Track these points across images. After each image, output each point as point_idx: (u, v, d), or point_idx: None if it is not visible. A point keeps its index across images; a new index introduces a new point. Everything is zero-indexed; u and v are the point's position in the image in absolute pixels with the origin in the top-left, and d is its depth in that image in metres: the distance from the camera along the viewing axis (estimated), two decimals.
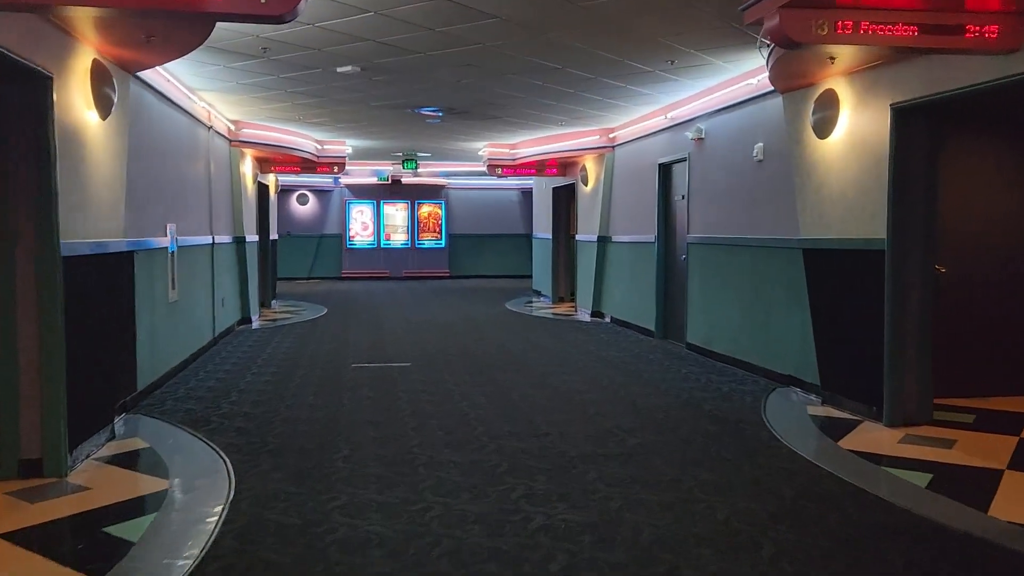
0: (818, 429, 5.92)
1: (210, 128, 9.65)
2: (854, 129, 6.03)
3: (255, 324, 11.93)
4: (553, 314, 13.54)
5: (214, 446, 5.24)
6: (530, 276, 22.26)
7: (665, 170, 10.27)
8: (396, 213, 22.63)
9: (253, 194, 12.56)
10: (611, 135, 11.98)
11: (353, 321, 12.43)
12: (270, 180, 14.64)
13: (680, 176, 9.87)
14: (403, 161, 16.98)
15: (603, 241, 12.50)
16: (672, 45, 6.75)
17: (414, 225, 22.64)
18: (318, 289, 19.04)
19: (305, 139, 12.70)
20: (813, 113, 6.38)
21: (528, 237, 22.92)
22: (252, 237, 12.26)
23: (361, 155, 16.03)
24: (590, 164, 12.93)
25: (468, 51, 6.97)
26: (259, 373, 7.90)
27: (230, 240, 10.95)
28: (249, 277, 11.82)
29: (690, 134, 9.19)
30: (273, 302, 14.94)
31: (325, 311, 14.00)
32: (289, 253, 21.90)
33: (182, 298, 8.03)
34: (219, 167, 10.36)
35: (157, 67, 6.96)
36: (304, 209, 22.25)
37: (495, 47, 6.84)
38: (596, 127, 11.96)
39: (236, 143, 11.18)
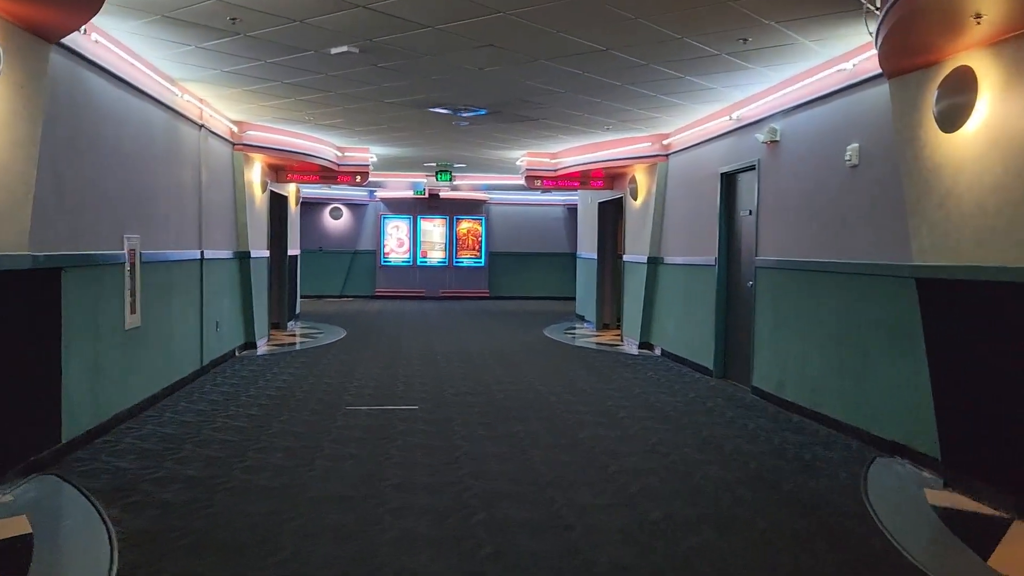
0: (949, 531, 4.29)
1: (201, 127, 8.45)
2: (999, 119, 4.43)
3: (260, 350, 10.68)
4: (596, 344, 12.01)
5: (115, 535, 3.87)
6: (574, 298, 20.81)
7: (728, 181, 8.72)
8: (433, 229, 21.39)
9: (263, 204, 11.36)
10: (665, 142, 10.46)
11: (371, 348, 11.09)
12: (289, 190, 13.48)
13: (747, 187, 8.31)
14: (436, 172, 15.70)
15: (654, 263, 10.96)
16: (747, 13, 5.25)
17: (452, 242, 21.36)
18: (348, 309, 17.83)
19: (323, 145, 11.47)
20: (937, 100, 4.80)
21: (572, 256, 21.47)
22: (260, 252, 11.05)
23: (390, 165, 14.78)
24: (640, 175, 11.43)
25: (486, 23, 5.58)
26: (234, 416, 6.57)
27: (229, 255, 9.73)
28: (255, 297, 10.59)
29: (761, 136, 7.64)
30: (291, 323, 13.73)
31: (344, 334, 12.72)
32: (321, 270, 20.82)
33: (149, 323, 6.76)
34: (215, 173, 9.15)
35: (116, 50, 5.74)
36: (337, 223, 21.15)
37: (518, 16, 5.43)
38: (647, 132, 10.47)
39: (240, 147, 9.98)
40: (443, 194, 20.14)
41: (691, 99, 8.19)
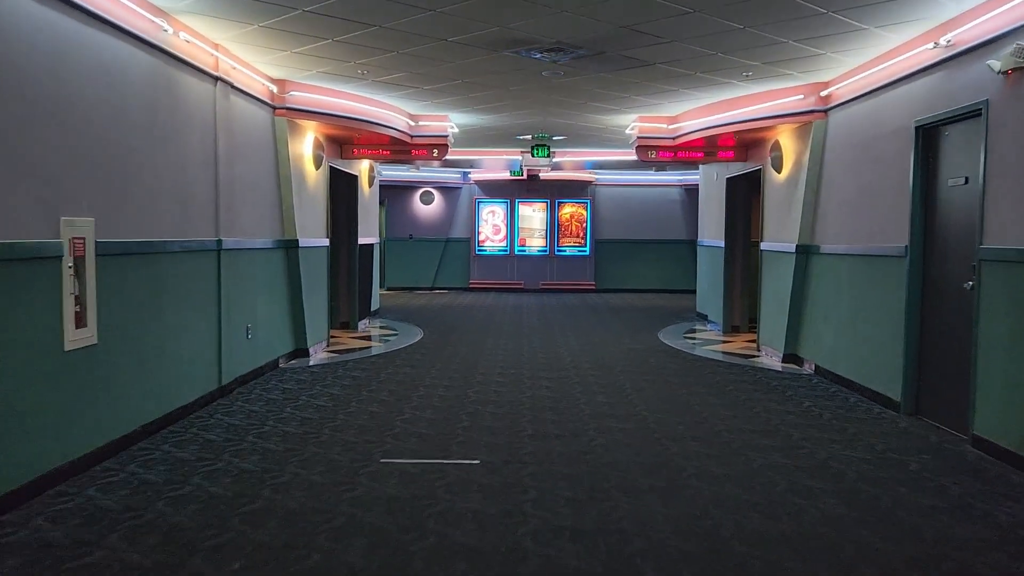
0: None
1: (218, 81, 6.61)
2: None
3: (314, 358, 8.88)
4: (724, 354, 9.58)
5: None
6: (693, 292, 18.25)
7: (927, 137, 6.14)
8: (533, 214, 19.29)
9: (320, 183, 9.54)
10: (824, 92, 7.91)
11: (445, 357, 9.10)
12: (360, 168, 11.66)
13: (960, 144, 5.73)
14: (532, 148, 13.53)
15: (805, 252, 8.43)
16: None
17: (554, 228, 19.20)
18: (436, 303, 15.99)
19: (390, 111, 9.53)
20: None
21: (691, 244, 18.90)
22: (316, 241, 9.24)
23: (476, 139, 12.72)
24: (786, 140, 8.88)
25: None
26: (224, 471, 4.67)
27: (269, 244, 7.93)
28: (307, 295, 8.79)
29: (997, 63, 5.07)
30: (364, 323, 11.94)
31: (420, 336, 10.82)
32: (411, 260, 19.15)
33: (113, 338, 4.95)
34: (245, 141, 7.33)
35: None
36: (428, 209, 19.38)
37: None
38: (799, 81, 7.95)
39: (283, 111, 8.15)
40: (543, 175, 17.97)
41: (874, 19, 5.68)
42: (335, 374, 7.90)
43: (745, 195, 11.35)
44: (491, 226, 19.30)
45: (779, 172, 9.02)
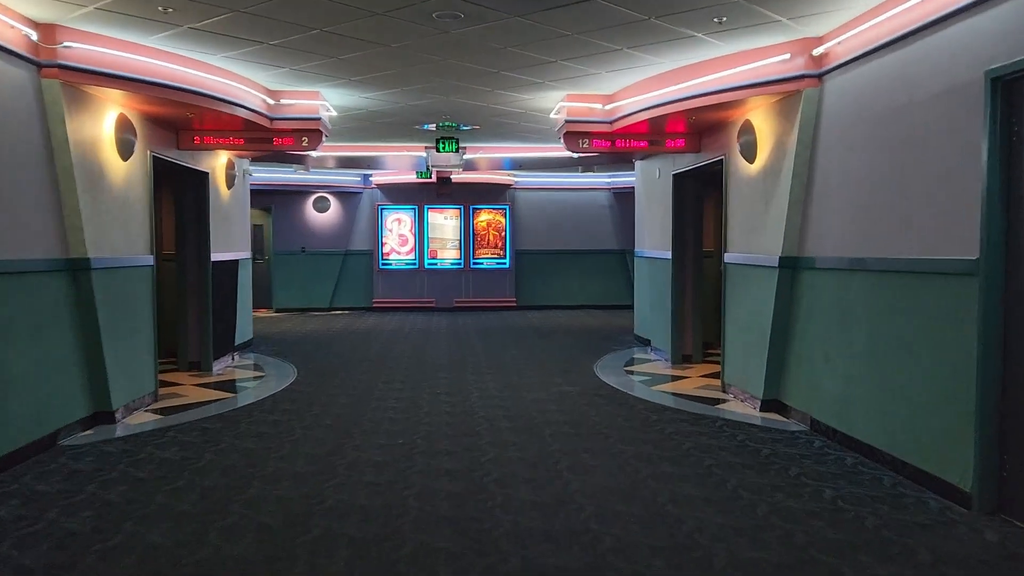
0: None
1: None
2: None
3: (124, 424, 6.29)
4: (681, 398, 7.44)
5: None
6: (626, 308, 16.25)
7: (1012, 93, 4.08)
8: (445, 223, 16.93)
9: (136, 180, 6.94)
10: (818, 50, 5.86)
11: (310, 418, 6.65)
12: (214, 163, 9.07)
13: None
14: (438, 141, 11.20)
15: (792, 266, 6.35)
16: None
17: (469, 238, 16.88)
18: (330, 328, 13.42)
19: (236, 81, 7.05)
20: None
21: (623, 255, 16.89)
22: (128, 259, 6.65)
23: (367, 130, 10.27)
24: (762, 119, 6.80)
25: None
26: None
27: (39, 267, 5.33)
28: (112, 335, 6.21)
29: None
30: (221, 362, 9.33)
31: (291, 380, 8.33)
32: (304, 277, 16.54)
33: None
34: None
35: None
36: (323, 217, 16.78)
37: None
38: (783, 37, 5.89)
39: (53, 71, 5.56)
40: (455, 176, 15.65)
41: None
42: (137, 456, 5.36)
43: (696, 195, 9.29)
44: (397, 236, 16.84)
45: (751, 162, 6.94)
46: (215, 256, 9.08)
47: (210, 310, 8.90)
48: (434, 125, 10.46)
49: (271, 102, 7.78)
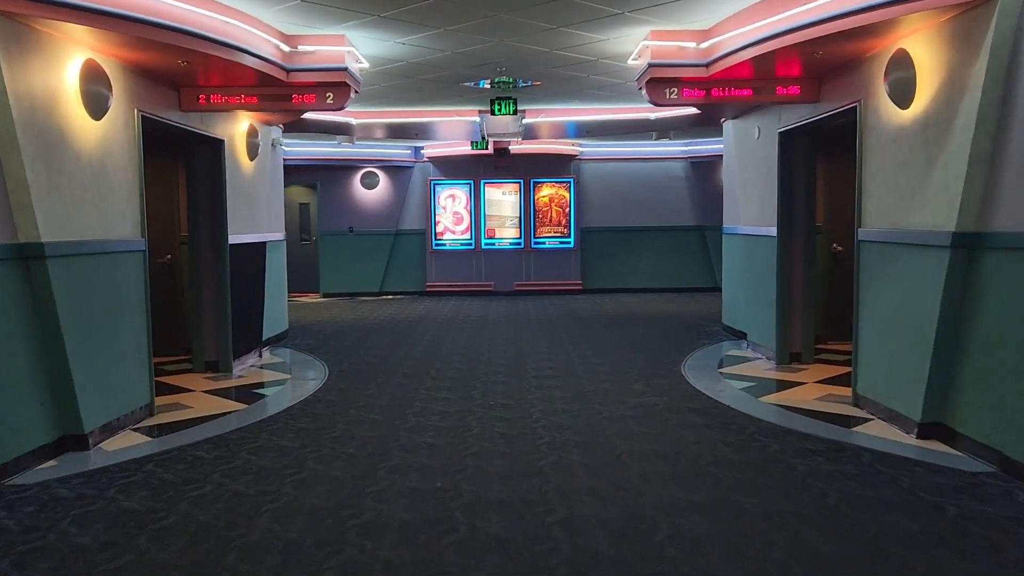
0: None
1: None
2: None
3: (100, 451, 5.03)
4: (793, 410, 5.82)
5: None
6: (706, 291, 14.56)
7: None
8: (503, 199, 15.43)
9: (114, 145, 5.59)
10: None
11: (330, 443, 5.29)
12: (232, 131, 7.73)
13: None
14: (493, 102, 9.69)
15: (972, 246, 4.64)
16: None
17: (529, 215, 15.35)
18: (377, 316, 12.13)
19: (239, 20, 5.66)
20: None
21: (702, 231, 15.14)
22: (104, 244, 5.35)
23: (410, 89, 8.79)
24: (922, 48, 5.04)
25: None
26: None
27: None
28: (82, 338, 4.94)
29: None
30: (245, 361, 8.08)
31: (320, 384, 7.00)
32: (352, 259, 15.33)
33: None
34: None
35: None
36: (372, 195, 15.47)
37: None
38: None
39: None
40: (514, 147, 14.15)
41: None
42: (90, 506, 4.05)
43: (808, 157, 7.56)
44: (451, 214, 15.43)
45: (904, 106, 5.20)
46: (234, 238, 7.79)
47: (228, 301, 7.62)
48: (488, 83, 8.94)
49: (286, 49, 6.37)
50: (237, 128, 7.97)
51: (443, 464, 4.66)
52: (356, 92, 6.91)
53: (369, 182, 15.41)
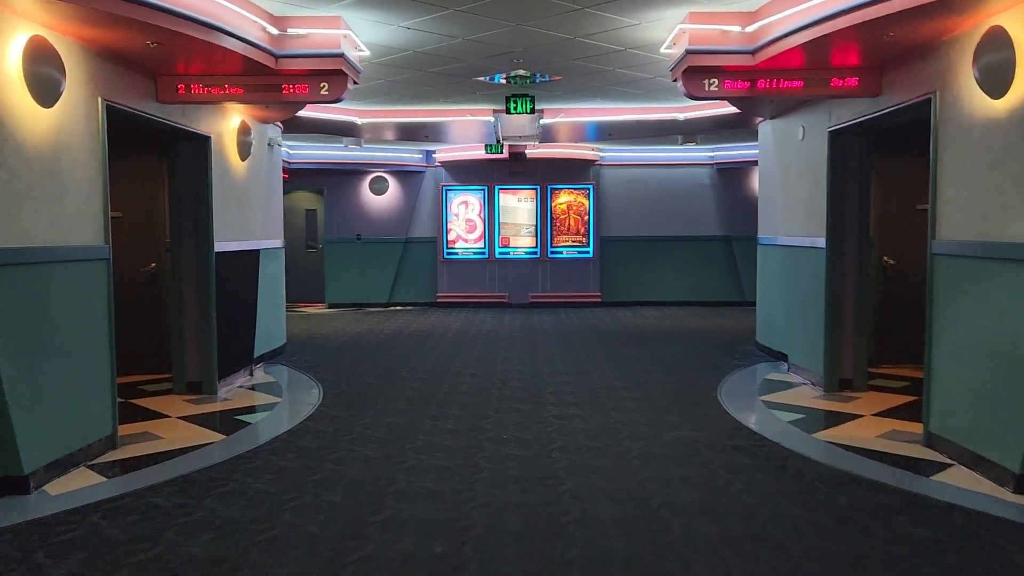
0: None
1: None
2: None
3: (36, 499, 4.27)
4: (854, 450, 4.98)
5: None
6: (733, 305, 13.74)
7: None
8: (519, 205, 14.66)
9: (68, 135, 4.83)
10: None
11: (311, 484, 4.51)
12: (221, 128, 6.99)
13: None
14: (509, 100, 8.93)
15: None
16: None
17: (546, 223, 14.57)
18: (383, 329, 11.39)
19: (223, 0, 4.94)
20: None
21: (727, 241, 14.30)
22: (59, 249, 4.60)
23: (418, 84, 8.05)
24: (1021, 24, 4.22)
25: None
26: None
27: None
28: (9, 361, 4.19)
29: None
30: (232, 381, 7.34)
31: (311, 410, 6.23)
32: (359, 268, 14.62)
33: None
34: None
35: None
36: (381, 201, 14.75)
37: None
38: None
39: None
40: (530, 151, 13.39)
41: None
42: (13, 574, 3.29)
43: (863, 159, 6.73)
44: (464, 221, 14.67)
45: (997, 96, 4.37)
46: (222, 245, 7.06)
47: (213, 315, 6.88)
48: (504, 77, 8.18)
49: (275, 32, 5.63)
50: (226, 124, 7.24)
51: (446, 519, 3.87)
52: (355, 83, 6.16)
53: (378, 187, 14.69)
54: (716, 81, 5.79)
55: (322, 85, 5.87)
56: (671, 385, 7.18)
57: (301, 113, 9.31)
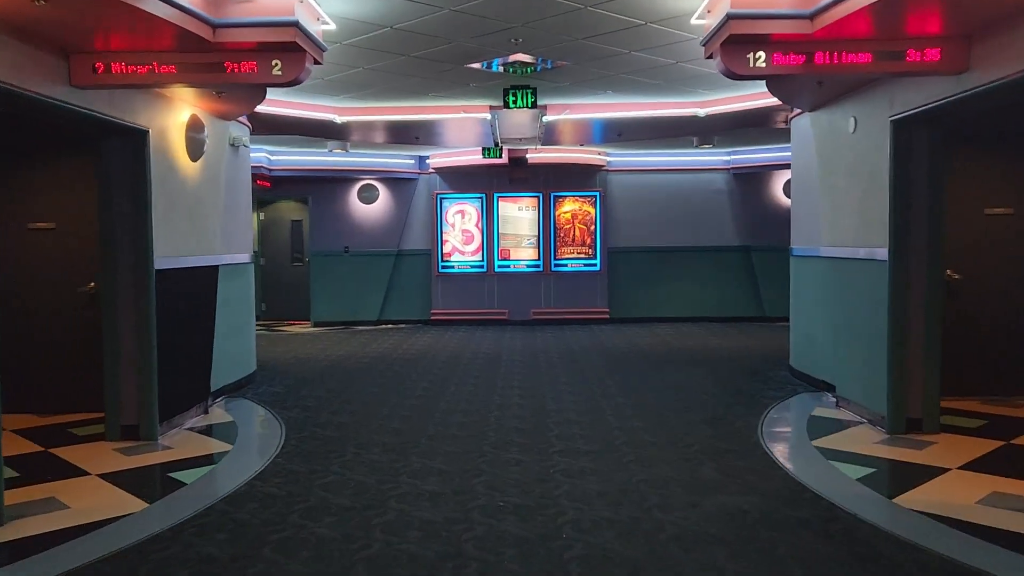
0: None
1: None
2: None
3: None
4: (939, 515, 3.81)
5: None
6: (756, 320, 12.65)
7: None
8: (519, 215, 13.53)
9: None
10: None
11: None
12: (165, 120, 5.84)
13: None
14: (507, 92, 7.81)
15: None
16: None
17: (549, 234, 13.44)
18: (370, 352, 10.25)
19: None
20: None
21: (745, 252, 13.18)
22: None
23: (397, 73, 6.92)
24: None
25: None
26: None
27: None
28: None
29: None
30: (182, 421, 6.18)
31: (267, 460, 5.09)
32: (349, 282, 13.53)
33: None
34: None
35: None
36: (371, 210, 13.63)
37: None
38: None
39: None
40: (532, 156, 12.28)
41: None
42: None
43: (936, 155, 5.58)
44: (460, 232, 13.54)
45: None
46: (167, 262, 5.92)
47: (153, 344, 5.73)
48: (501, 64, 7.06)
49: None
50: (172, 118, 6.11)
51: None
52: (317, 62, 5.02)
53: (367, 196, 13.56)
54: (763, 55, 4.65)
55: (274, 63, 4.74)
56: (700, 424, 6.01)
57: (270, 109, 8.24)
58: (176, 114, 6.18)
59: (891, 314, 5.63)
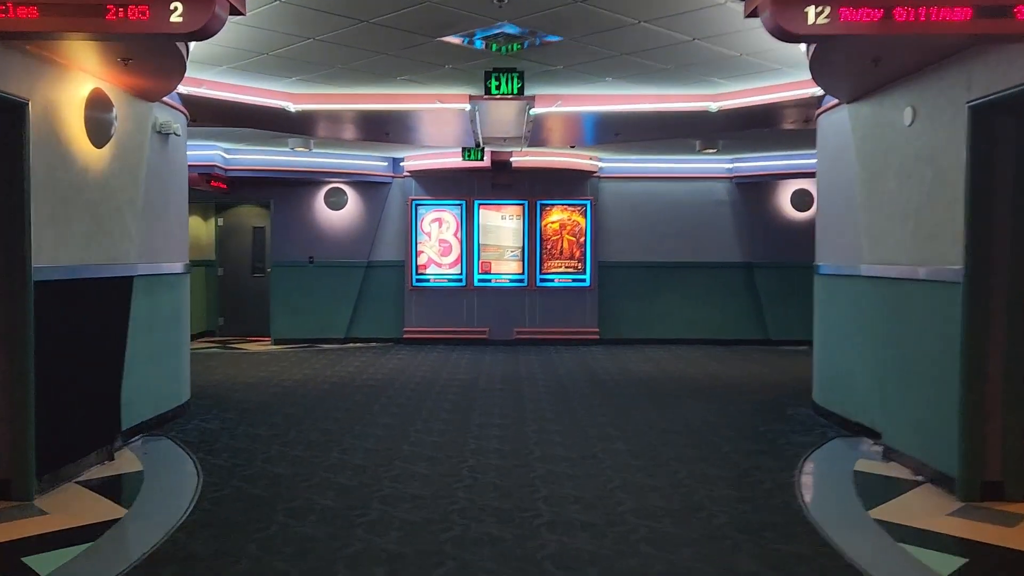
0: None
1: None
2: None
3: None
4: None
5: None
6: (758, 344, 11.58)
7: None
8: (502, 224, 12.35)
9: None
10: None
11: None
12: (54, 92, 4.61)
13: None
14: (490, 76, 6.63)
15: None
16: None
17: (535, 245, 12.26)
18: (333, 373, 9.04)
19: None
20: None
21: (748, 269, 12.08)
22: None
23: (358, 50, 5.70)
24: None
25: None
26: None
27: None
28: None
29: None
30: (74, 472, 4.91)
31: (167, 531, 3.81)
32: (314, 296, 12.28)
33: None
34: None
35: None
36: (339, 217, 12.40)
37: None
38: None
39: None
40: (517, 160, 11.13)
41: None
42: None
43: None
44: (437, 242, 12.32)
45: None
46: (52, 272, 4.67)
47: (28, 375, 4.47)
48: (484, 40, 5.88)
49: None
50: (65, 91, 4.87)
51: None
52: (237, 11, 3.81)
53: (335, 201, 12.33)
54: (826, 9, 3.50)
55: (173, 7, 3.53)
56: (720, 483, 4.82)
57: (208, 92, 7.00)
58: (72, 87, 4.94)
59: (965, 349, 4.47)
